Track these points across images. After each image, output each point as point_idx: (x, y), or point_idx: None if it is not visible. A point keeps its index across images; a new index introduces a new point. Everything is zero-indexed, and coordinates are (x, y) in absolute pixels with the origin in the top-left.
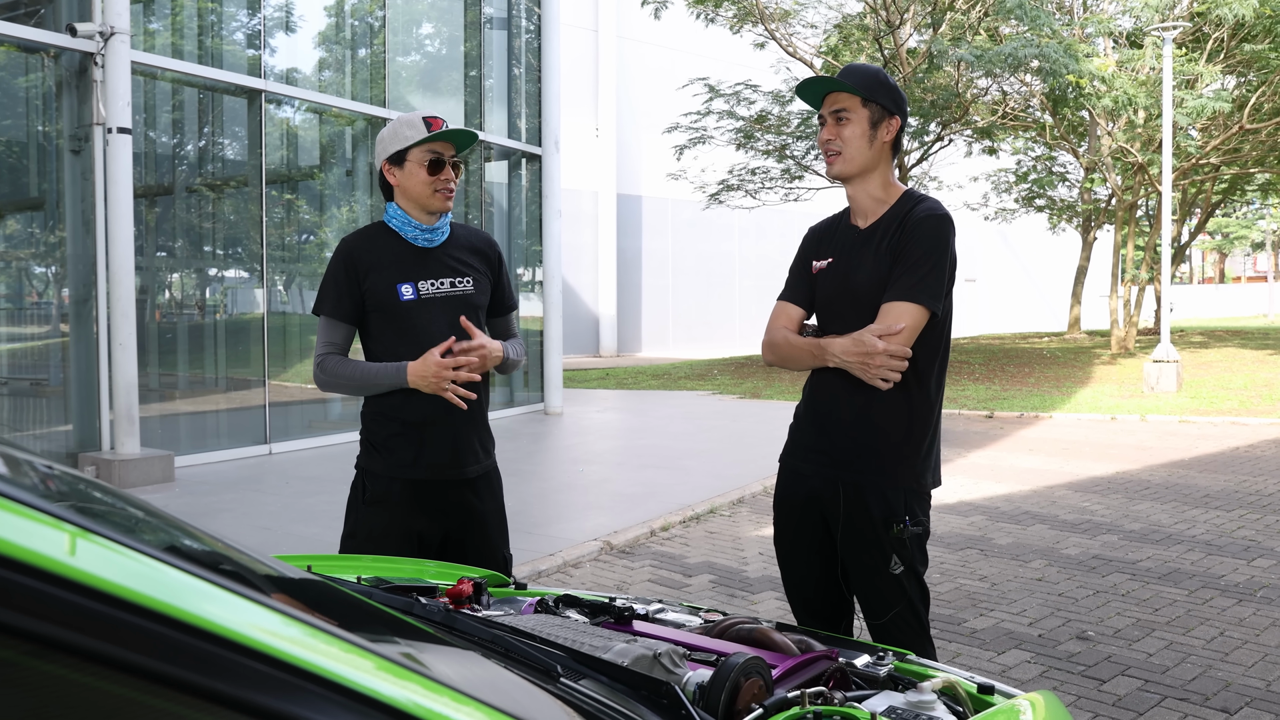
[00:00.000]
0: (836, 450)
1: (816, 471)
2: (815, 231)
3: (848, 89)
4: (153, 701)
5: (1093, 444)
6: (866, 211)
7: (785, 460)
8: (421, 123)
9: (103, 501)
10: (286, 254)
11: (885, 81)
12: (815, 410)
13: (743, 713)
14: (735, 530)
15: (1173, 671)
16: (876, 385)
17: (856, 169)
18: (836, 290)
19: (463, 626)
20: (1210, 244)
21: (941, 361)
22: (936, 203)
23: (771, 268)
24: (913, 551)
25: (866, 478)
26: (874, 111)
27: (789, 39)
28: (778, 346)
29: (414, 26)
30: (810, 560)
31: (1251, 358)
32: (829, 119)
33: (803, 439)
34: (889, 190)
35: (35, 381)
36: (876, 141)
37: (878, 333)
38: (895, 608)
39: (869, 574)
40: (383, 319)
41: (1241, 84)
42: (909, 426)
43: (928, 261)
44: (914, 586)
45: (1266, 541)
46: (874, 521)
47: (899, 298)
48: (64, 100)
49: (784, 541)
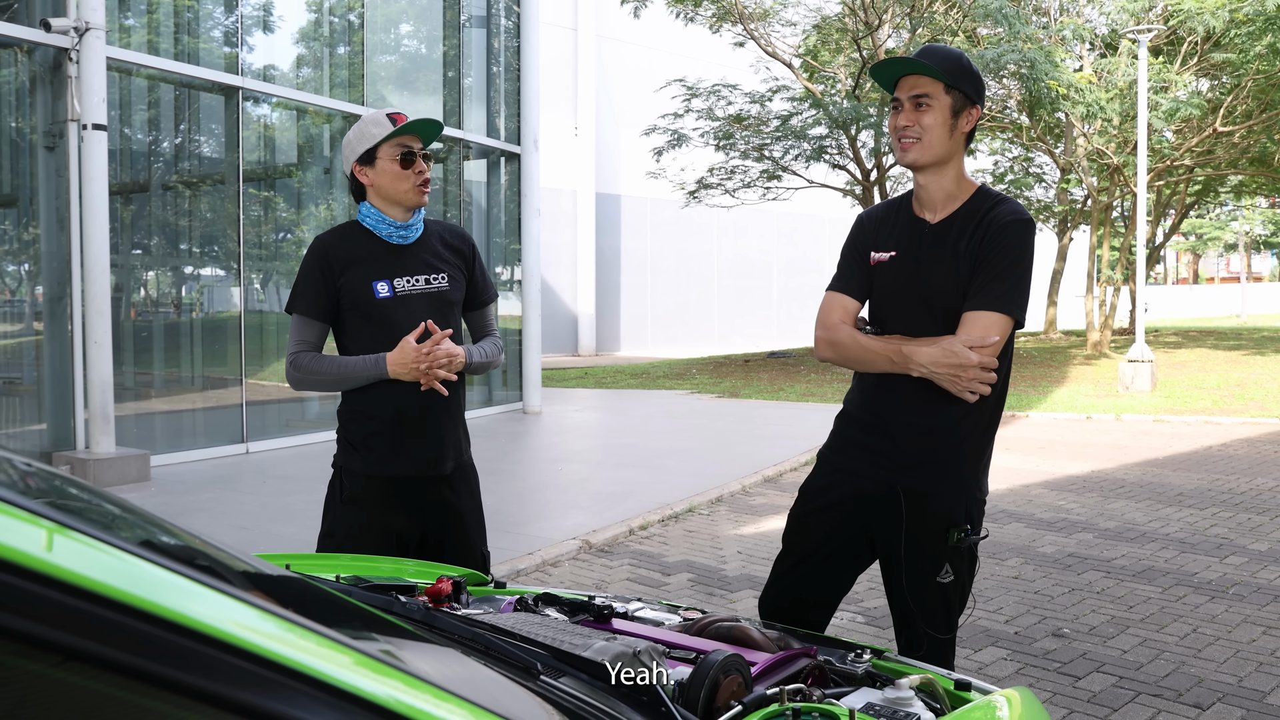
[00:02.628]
0: (901, 455)
1: (872, 474)
2: (872, 218)
3: (932, 73)
4: (132, 699)
5: (1068, 443)
6: (936, 205)
7: (830, 457)
8: (386, 119)
9: (80, 498)
10: (263, 252)
11: (970, 67)
12: (876, 411)
13: (722, 710)
14: (714, 529)
15: (1146, 668)
16: (965, 398)
17: (933, 159)
18: (903, 286)
19: (442, 625)
20: (1184, 245)
21: (1008, 368)
22: (1019, 205)
23: (750, 267)
24: (965, 561)
25: (931, 485)
26: (956, 99)
27: (768, 38)
28: (843, 346)
29: (393, 25)
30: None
31: (1225, 358)
32: (906, 103)
33: (856, 438)
34: (962, 184)
35: (9, 380)
36: (956, 131)
37: (970, 344)
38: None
39: (917, 582)
40: (358, 317)
41: (1214, 87)
42: (974, 435)
43: (1015, 270)
44: (956, 596)
45: (1238, 539)
46: (933, 530)
47: (989, 307)
48: (38, 96)
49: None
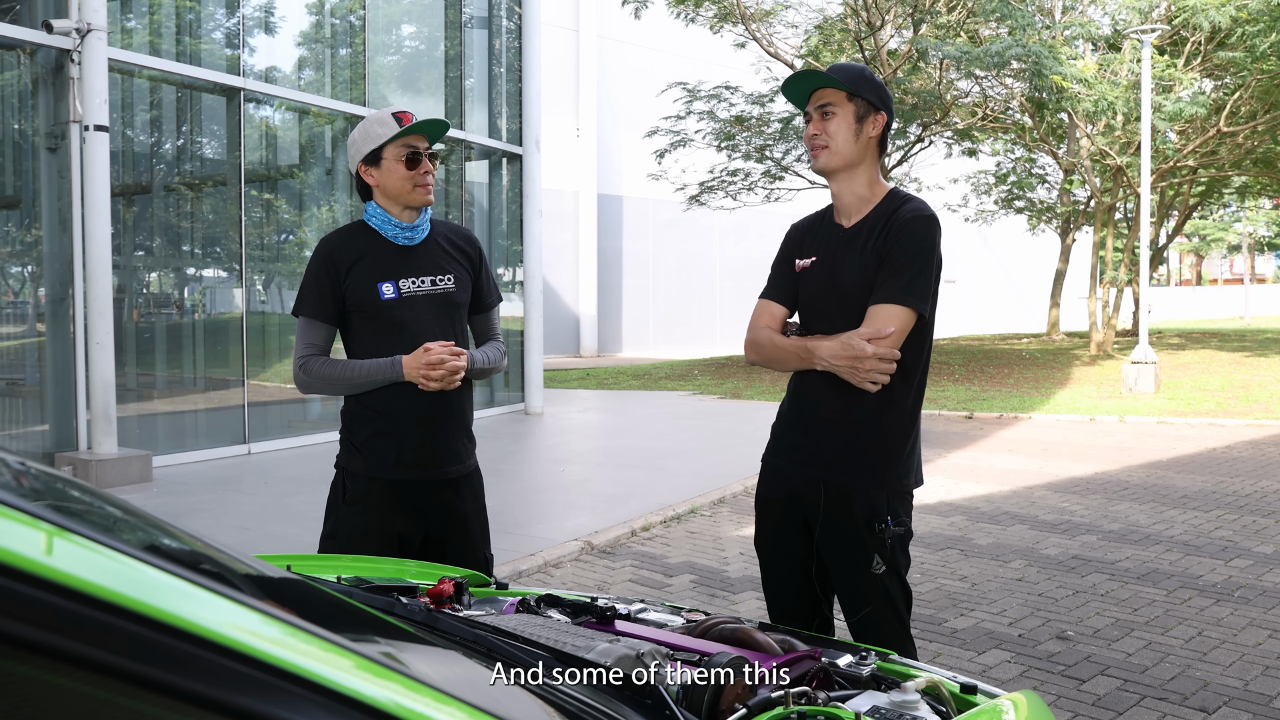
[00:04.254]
0: (820, 450)
1: (799, 471)
2: (798, 229)
3: (833, 83)
4: (131, 703)
5: (1072, 445)
6: (850, 210)
7: (767, 459)
8: (392, 119)
9: (80, 500)
10: (265, 253)
11: (870, 78)
12: (799, 410)
13: (726, 713)
14: (716, 530)
15: (1151, 671)
16: (865, 388)
17: (842, 163)
18: (821, 289)
19: (444, 626)
20: (1187, 246)
21: (924, 362)
22: (922, 203)
23: (752, 269)
24: (895, 551)
25: (850, 478)
26: (860, 106)
27: (769, 39)
28: (762, 347)
29: (394, 26)
30: (789, 561)
31: (1228, 359)
32: (815, 114)
33: (786, 438)
34: (874, 189)
35: (11, 381)
36: (862, 136)
37: (866, 336)
38: (870, 604)
39: (850, 573)
40: (363, 318)
41: (1218, 87)
42: (892, 427)
43: (915, 264)
44: (895, 586)
45: (1244, 542)
46: (856, 522)
47: (887, 300)
48: (40, 97)
49: (764, 541)
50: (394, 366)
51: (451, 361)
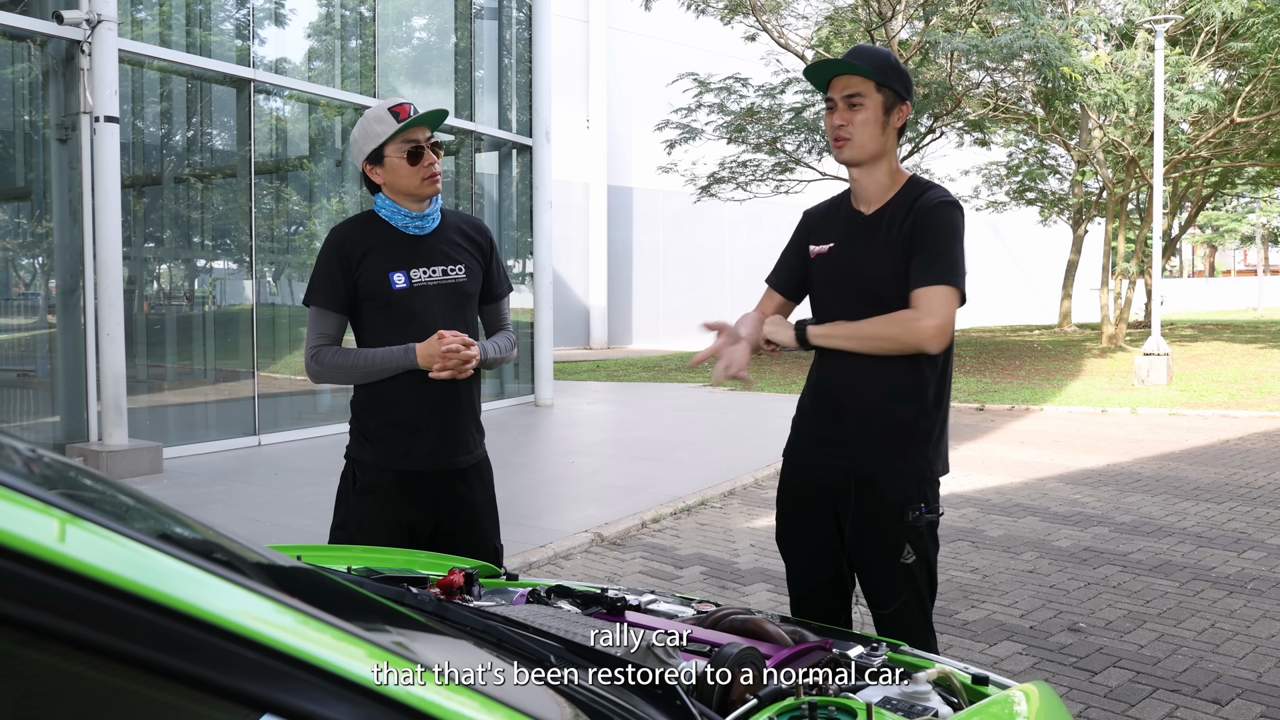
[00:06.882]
0: (847, 439)
1: (826, 462)
2: (813, 214)
3: (863, 72)
4: (143, 690)
5: (1083, 436)
6: (871, 197)
7: (790, 453)
8: (389, 114)
9: (93, 488)
10: (275, 245)
11: (898, 66)
12: (824, 400)
13: (737, 703)
14: (726, 522)
15: (1164, 663)
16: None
17: (868, 155)
18: (837, 275)
19: (454, 616)
20: (1200, 238)
21: (950, 348)
22: (944, 190)
23: (763, 260)
24: (926, 540)
25: (878, 465)
26: (888, 97)
27: (780, 31)
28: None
29: (404, 17)
30: (817, 555)
31: (1241, 351)
32: (840, 103)
33: (809, 429)
34: (895, 177)
35: (22, 373)
36: (888, 128)
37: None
38: (902, 597)
39: (881, 564)
40: (374, 307)
41: (1232, 78)
42: (921, 412)
43: (952, 248)
44: (924, 576)
45: (1257, 534)
46: (888, 510)
47: (935, 281)
48: (50, 88)
49: (789, 536)
50: (407, 354)
51: (464, 351)
